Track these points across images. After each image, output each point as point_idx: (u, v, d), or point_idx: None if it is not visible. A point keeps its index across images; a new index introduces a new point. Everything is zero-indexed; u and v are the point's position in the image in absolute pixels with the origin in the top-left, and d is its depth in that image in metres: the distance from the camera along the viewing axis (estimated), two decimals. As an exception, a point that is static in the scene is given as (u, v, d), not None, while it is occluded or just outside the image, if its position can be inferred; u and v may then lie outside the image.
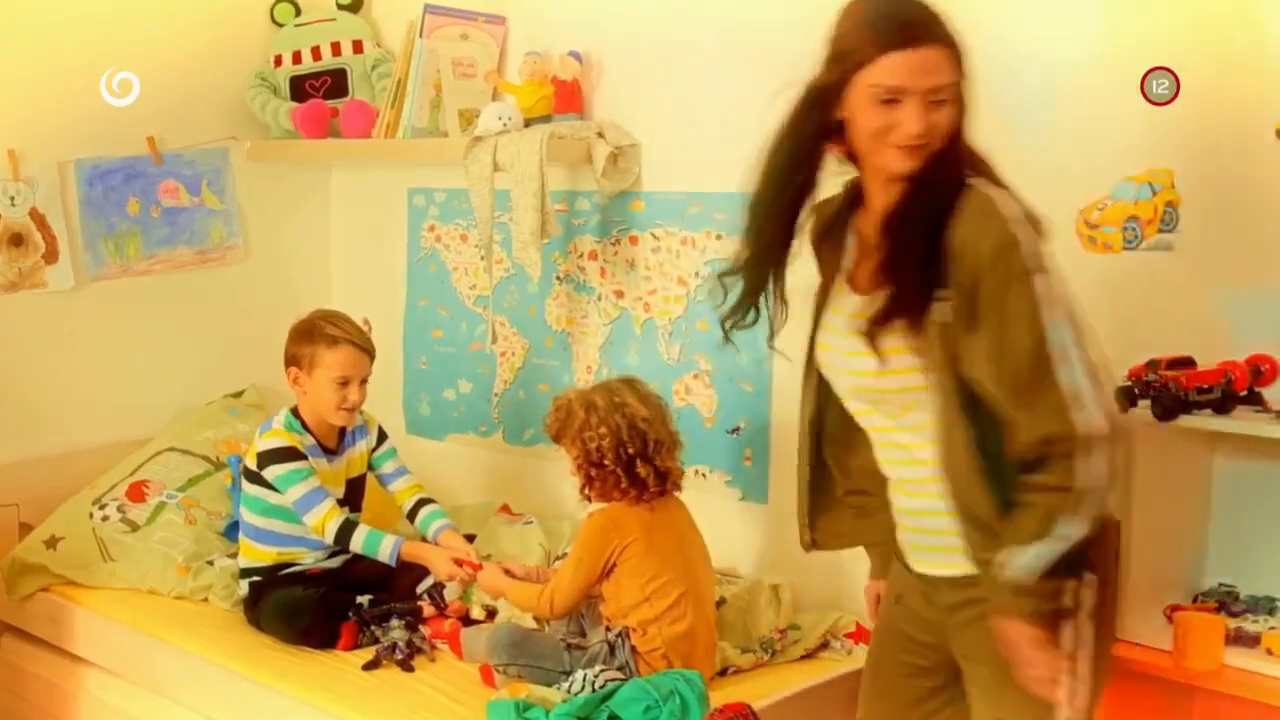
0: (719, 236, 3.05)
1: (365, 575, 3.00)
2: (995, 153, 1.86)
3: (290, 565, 3.02)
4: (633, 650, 2.55)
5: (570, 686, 2.46)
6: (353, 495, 3.12)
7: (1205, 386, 2.14)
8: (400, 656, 2.72)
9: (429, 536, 3.05)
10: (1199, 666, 2.11)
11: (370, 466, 3.18)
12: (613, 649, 2.56)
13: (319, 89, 3.73)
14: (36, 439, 3.45)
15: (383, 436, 3.20)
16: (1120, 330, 2.45)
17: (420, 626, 2.85)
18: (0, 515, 3.33)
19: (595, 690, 2.41)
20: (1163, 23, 2.37)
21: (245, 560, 3.06)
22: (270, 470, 2.96)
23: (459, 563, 2.86)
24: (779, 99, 1.87)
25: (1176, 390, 2.14)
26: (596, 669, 2.48)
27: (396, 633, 2.79)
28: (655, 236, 3.21)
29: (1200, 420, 2.14)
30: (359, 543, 2.93)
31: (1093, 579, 1.78)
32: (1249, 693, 2.11)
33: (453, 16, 3.41)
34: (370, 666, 2.70)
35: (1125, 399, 2.22)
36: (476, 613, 2.90)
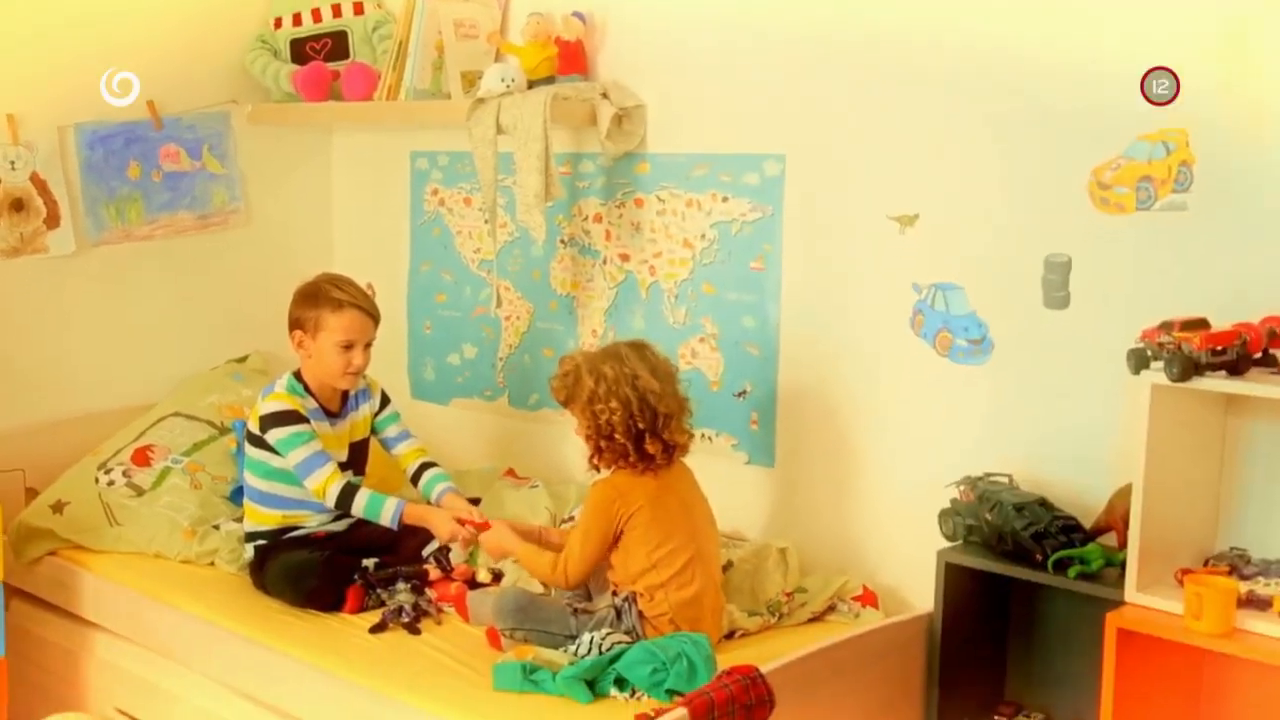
0: (725, 199, 3.01)
1: (371, 538, 2.99)
2: (1009, 114, 1.83)
3: (295, 529, 3.02)
4: (639, 615, 2.54)
5: (577, 649, 2.46)
6: (356, 459, 3.11)
7: (1219, 348, 2.12)
8: (407, 620, 2.72)
9: (432, 499, 3.04)
10: (1210, 630, 2.10)
11: (373, 430, 3.16)
12: (619, 614, 2.55)
13: (320, 51, 3.68)
14: (40, 404, 3.45)
15: (385, 400, 3.18)
16: (1133, 292, 2.43)
17: (426, 590, 2.85)
18: (6, 480, 3.34)
19: (602, 653, 2.41)
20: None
21: (250, 524, 3.06)
22: (272, 434, 2.95)
23: (462, 521, 2.85)
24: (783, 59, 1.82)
25: (1190, 352, 2.12)
26: (603, 632, 2.48)
27: (403, 596, 2.78)
28: (660, 199, 3.17)
29: (1214, 382, 2.12)
30: (360, 506, 2.92)
31: None
32: (1261, 656, 2.10)
33: (455, -24, 3.37)
34: (377, 629, 2.70)
35: (1138, 361, 2.20)
36: (482, 576, 2.90)
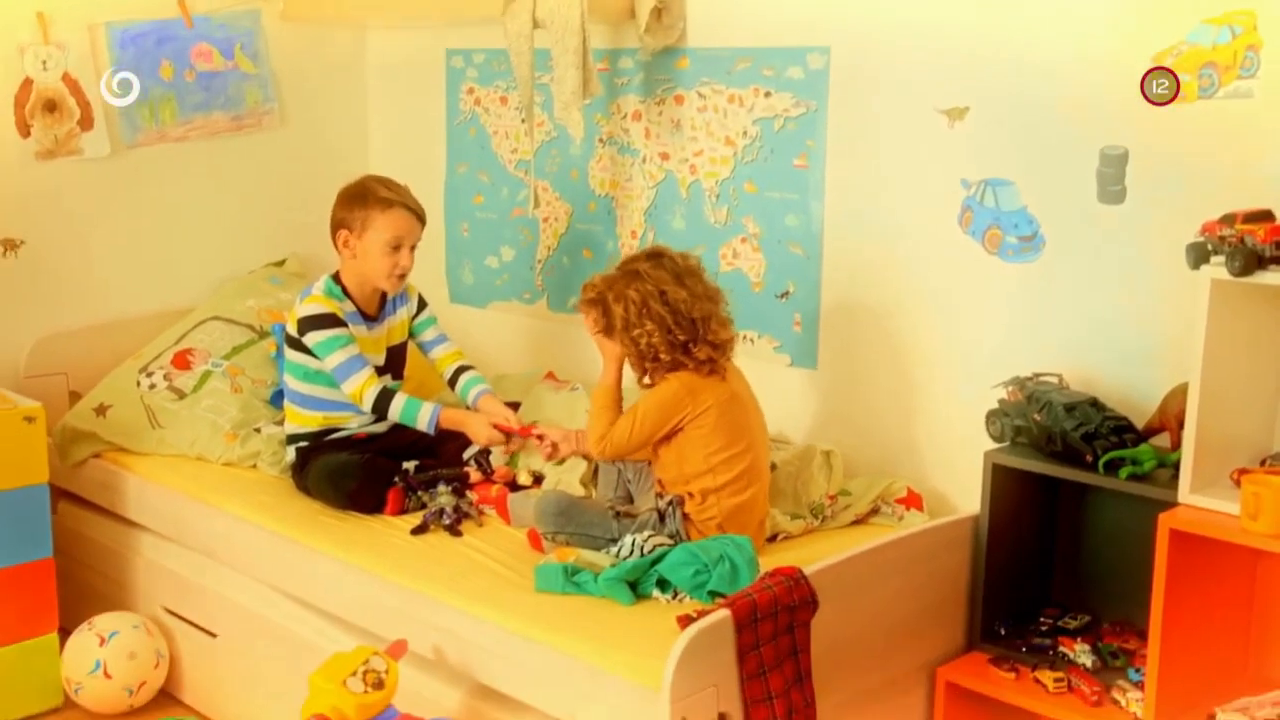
0: (767, 94, 2.93)
1: (412, 440, 2.99)
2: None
3: (336, 430, 3.02)
4: (684, 518, 2.53)
5: (619, 551, 2.45)
6: (394, 363, 3.10)
7: (1284, 241, 2.04)
8: (448, 521, 2.72)
9: (469, 402, 3.03)
10: (1266, 530, 2.05)
11: (411, 334, 3.14)
12: (663, 517, 2.54)
13: (352, -54, 3.59)
14: (80, 308, 3.45)
15: (422, 304, 3.16)
16: (1193, 185, 2.34)
17: (467, 492, 2.84)
18: (49, 384, 3.36)
19: (644, 555, 2.40)
20: None
21: (291, 426, 3.06)
22: (310, 336, 2.93)
23: (499, 428, 2.84)
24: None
25: (1253, 245, 2.05)
26: (645, 534, 2.46)
27: (444, 498, 2.78)
28: (701, 95, 3.09)
29: (1277, 276, 2.05)
30: (397, 411, 2.91)
31: None
32: (1317, 556, 2.05)
33: None
34: (419, 531, 2.70)
35: (1198, 255, 2.12)
36: (523, 478, 2.90)
